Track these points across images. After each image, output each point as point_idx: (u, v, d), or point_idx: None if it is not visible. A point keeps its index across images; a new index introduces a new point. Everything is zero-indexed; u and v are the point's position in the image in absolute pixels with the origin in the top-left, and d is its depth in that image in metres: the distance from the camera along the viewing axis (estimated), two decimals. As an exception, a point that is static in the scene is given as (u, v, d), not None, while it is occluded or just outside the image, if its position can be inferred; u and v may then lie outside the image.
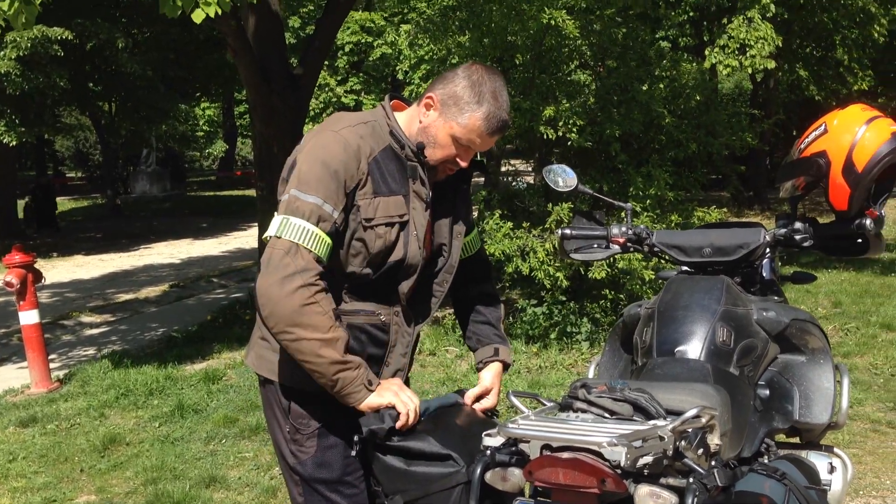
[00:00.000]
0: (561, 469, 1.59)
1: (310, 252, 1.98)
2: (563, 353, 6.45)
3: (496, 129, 2.12)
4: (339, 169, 2.04)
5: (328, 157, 2.04)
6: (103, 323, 9.28)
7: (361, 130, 2.12)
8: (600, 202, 4.26)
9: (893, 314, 7.16)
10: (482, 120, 2.09)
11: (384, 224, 2.10)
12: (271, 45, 8.30)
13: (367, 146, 2.10)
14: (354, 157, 2.06)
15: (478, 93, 2.09)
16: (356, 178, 2.06)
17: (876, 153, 2.23)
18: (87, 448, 4.99)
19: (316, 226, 2.00)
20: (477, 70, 2.14)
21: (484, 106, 2.09)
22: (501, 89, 2.13)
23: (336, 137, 2.08)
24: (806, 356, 2.36)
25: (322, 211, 2.01)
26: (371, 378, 2.06)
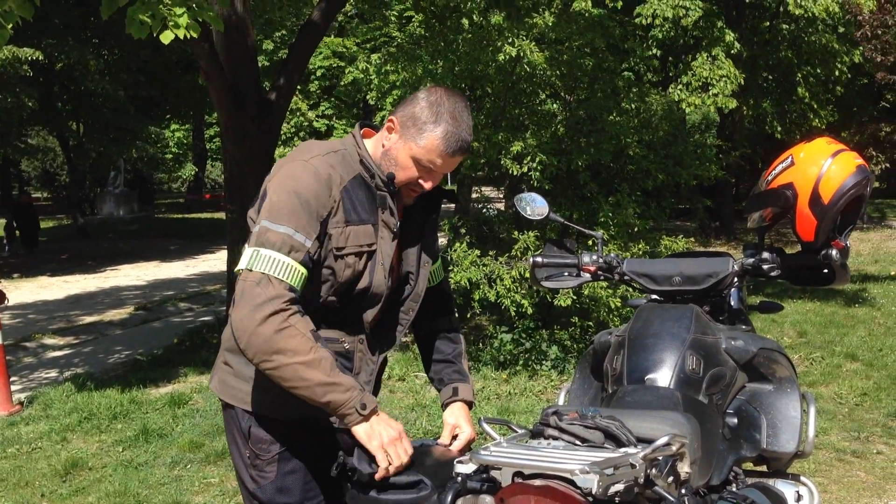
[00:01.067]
0: (533, 496, 1.59)
1: (281, 281, 1.95)
2: (533, 379, 6.45)
3: (456, 149, 2.09)
4: (310, 199, 2.02)
5: (299, 186, 2.03)
6: (67, 345, 9.14)
7: (331, 159, 2.11)
8: (570, 230, 4.31)
9: (857, 344, 7.26)
10: (440, 139, 2.07)
11: (354, 253, 2.09)
12: (244, 67, 8.29)
13: (338, 175, 2.09)
14: (326, 185, 2.05)
15: (436, 113, 2.07)
16: (328, 207, 2.05)
17: (841, 186, 2.27)
18: (49, 472, 4.90)
19: (287, 255, 1.98)
20: (436, 91, 2.12)
21: (441, 126, 2.06)
22: (462, 110, 2.10)
23: (306, 167, 2.06)
24: (773, 385, 2.38)
25: (293, 241, 1.99)
26: (367, 402, 1.99)
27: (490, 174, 8.70)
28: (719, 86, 9.04)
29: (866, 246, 14.59)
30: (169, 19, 5.08)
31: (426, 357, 2.50)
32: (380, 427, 2.01)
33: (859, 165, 2.29)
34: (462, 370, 2.44)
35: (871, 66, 14.81)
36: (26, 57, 13.84)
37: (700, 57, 9.54)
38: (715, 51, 10.38)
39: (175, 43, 5.17)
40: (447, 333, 2.46)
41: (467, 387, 2.42)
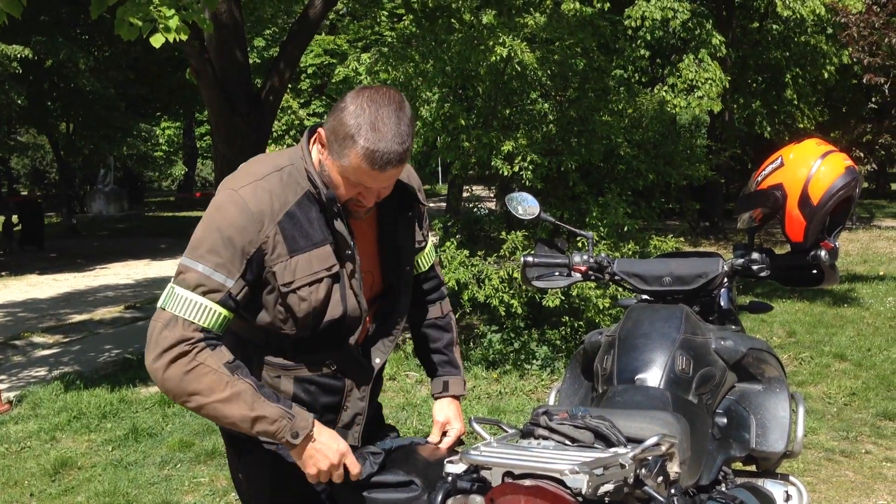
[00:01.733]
0: (523, 496, 1.60)
1: (191, 323, 1.86)
2: (523, 379, 6.46)
3: (382, 165, 1.84)
4: (233, 235, 1.87)
5: (223, 222, 1.89)
6: (56, 344, 9.10)
7: (270, 183, 1.93)
8: (561, 230, 4.32)
9: (846, 344, 7.29)
10: (361, 157, 1.83)
11: (307, 284, 1.94)
12: (234, 65, 8.27)
13: (277, 202, 1.92)
14: (254, 220, 1.89)
15: (355, 125, 1.83)
16: (257, 244, 1.89)
17: (831, 187, 2.29)
18: (38, 472, 4.88)
19: (203, 297, 1.87)
20: (359, 97, 1.86)
21: (360, 141, 1.82)
22: (387, 116, 1.84)
23: (234, 198, 1.90)
24: (762, 385, 2.40)
25: (210, 281, 1.86)
26: (298, 429, 1.90)
27: (481, 174, 8.70)
28: (704, 88, 9.08)
29: (855, 246, 14.65)
30: (158, 22, 5.06)
31: (418, 344, 2.47)
32: (317, 454, 1.94)
33: (848, 167, 2.31)
34: (453, 360, 2.40)
35: (859, 68, 14.87)
36: (15, 54, 13.78)
37: (687, 58, 9.57)
38: (701, 53, 10.42)
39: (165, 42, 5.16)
40: (438, 320, 2.41)
41: (458, 380, 2.39)
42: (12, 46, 13.71)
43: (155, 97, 22.70)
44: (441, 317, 2.41)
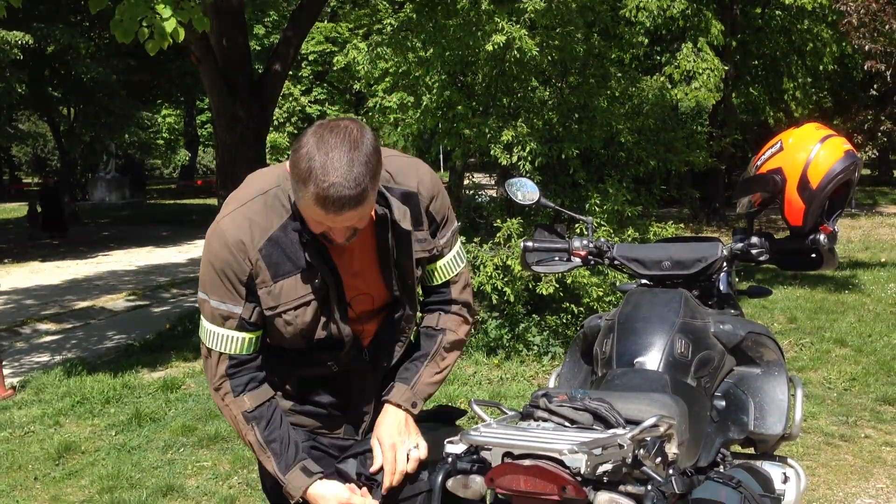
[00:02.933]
0: (522, 476, 1.62)
1: (221, 354, 1.99)
2: (524, 365, 6.48)
3: (335, 209, 1.73)
4: (223, 268, 1.92)
5: (212, 256, 1.94)
6: (59, 330, 9.14)
7: (252, 210, 1.92)
8: (561, 216, 4.33)
9: (847, 330, 7.31)
10: (313, 201, 1.74)
11: (292, 308, 1.96)
12: (235, 52, 8.27)
13: (258, 230, 1.91)
14: (237, 250, 1.91)
15: (307, 169, 1.72)
16: (245, 272, 1.92)
17: (830, 171, 2.30)
18: (42, 456, 4.91)
19: (222, 327, 1.97)
20: (315, 135, 1.76)
21: (311, 187, 1.72)
22: (339, 159, 1.71)
23: (216, 231, 1.94)
24: (761, 368, 2.41)
25: (222, 311, 1.96)
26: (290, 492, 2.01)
27: (481, 161, 8.70)
28: (702, 79, 9.06)
29: (857, 233, 14.66)
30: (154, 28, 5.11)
31: None
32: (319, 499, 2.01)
33: (847, 151, 2.31)
34: (414, 369, 2.15)
35: (860, 55, 14.82)
36: (16, 41, 13.75)
37: (685, 48, 9.55)
38: (700, 42, 10.39)
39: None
40: (427, 330, 2.21)
41: (403, 390, 2.11)
42: (13, 33, 13.67)
43: (156, 84, 22.65)
44: (432, 328, 2.20)
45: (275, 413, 2.04)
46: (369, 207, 1.80)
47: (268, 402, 2.04)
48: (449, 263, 2.16)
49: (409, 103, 7.91)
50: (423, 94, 7.48)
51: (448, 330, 2.19)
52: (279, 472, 2.01)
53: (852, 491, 4.15)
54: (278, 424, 2.04)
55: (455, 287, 2.20)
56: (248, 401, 2.01)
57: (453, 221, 2.16)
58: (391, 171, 2.01)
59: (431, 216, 2.08)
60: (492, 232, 7.15)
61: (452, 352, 2.20)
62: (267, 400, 2.04)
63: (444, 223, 2.12)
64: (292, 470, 2.01)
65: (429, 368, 2.15)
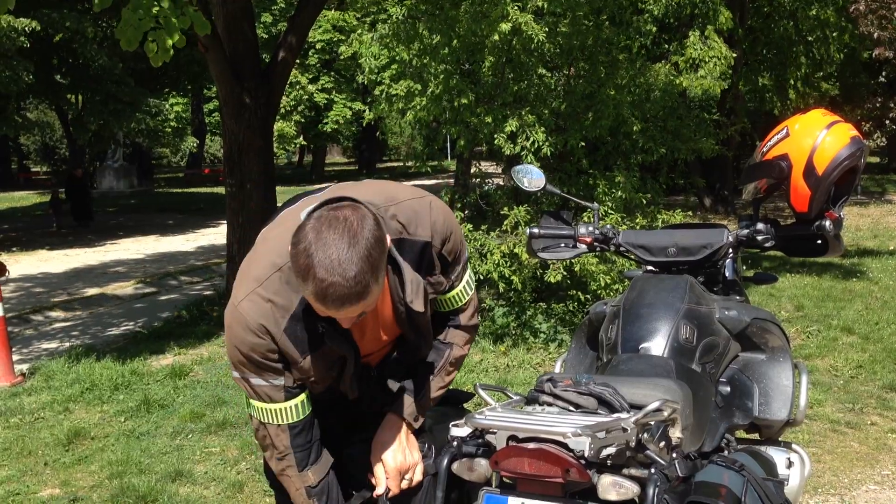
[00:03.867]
0: (527, 459, 1.63)
1: (277, 426, 1.98)
2: (531, 352, 6.50)
3: (336, 305, 1.67)
4: (251, 351, 1.89)
5: (237, 341, 1.89)
6: (68, 318, 9.19)
7: (271, 290, 1.86)
8: (568, 203, 4.32)
9: (854, 318, 7.30)
10: (314, 299, 1.69)
11: (321, 375, 1.97)
12: (242, 41, 8.27)
13: (279, 311, 1.86)
14: (262, 333, 1.87)
15: (305, 266, 1.65)
16: (275, 349, 1.89)
17: (836, 157, 2.30)
18: (52, 442, 4.95)
19: (271, 402, 1.95)
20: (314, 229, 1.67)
21: (309, 284, 1.65)
22: (336, 256, 1.63)
23: (236, 317, 1.88)
24: (766, 354, 2.42)
25: (265, 387, 1.94)
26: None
27: (488, 149, 8.68)
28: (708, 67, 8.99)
29: (866, 221, 14.61)
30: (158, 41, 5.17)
31: None
32: None
33: (854, 137, 2.31)
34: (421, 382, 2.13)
35: (868, 42, 14.74)
36: (23, 27, 13.76)
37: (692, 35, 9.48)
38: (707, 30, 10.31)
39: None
40: (436, 342, 2.18)
41: (409, 402, 2.10)
42: (20, 19, 13.68)
43: (163, 72, 22.66)
44: (440, 340, 2.17)
45: (332, 483, 2.06)
46: (374, 298, 1.73)
47: (330, 472, 2.06)
48: (458, 294, 2.14)
49: (417, 91, 7.90)
50: (429, 82, 7.47)
51: (455, 345, 2.17)
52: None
53: (858, 478, 4.16)
54: (336, 496, 2.06)
55: (464, 315, 2.18)
56: (313, 476, 2.01)
57: (464, 254, 2.12)
58: (403, 222, 1.95)
59: (444, 258, 2.04)
60: (499, 220, 7.15)
61: (456, 367, 2.19)
62: (328, 473, 2.05)
63: (456, 259, 2.08)
64: None
65: (435, 382, 2.13)
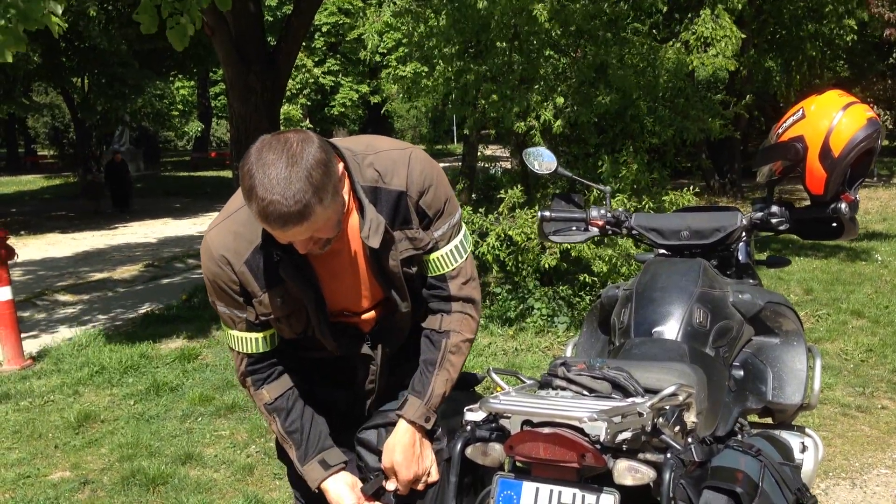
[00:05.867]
0: (542, 443, 1.62)
1: (238, 353, 2.08)
2: (539, 336, 6.49)
3: (280, 224, 1.70)
4: (216, 280, 1.98)
5: (205, 268, 2.00)
6: (77, 301, 9.21)
7: (238, 221, 1.93)
8: (578, 185, 4.31)
9: (864, 301, 7.27)
10: (258, 218, 1.72)
11: (285, 316, 2.00)
12: (249, 23, 8.24)
13: (243, 242, 1.92)
14: (223, 264, 1.94)
15: (248, 186, 1.70)
16: (236, 281, 1.96)
17: (852, 138, 2.27)
18: (62, 425, 4.97)
19: (234, 329, 2.05)
20: (256, 150, 1.72)
21: (253, 204, 1.70)
22: (276, 175, 1.67)
23: (205, 246, 1.98)
24: (780, 338, 2.40)
25: (231, 316, 2.03)
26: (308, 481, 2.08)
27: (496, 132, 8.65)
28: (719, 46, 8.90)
29: (874, 204, 14.53)
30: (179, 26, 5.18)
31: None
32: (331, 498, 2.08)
33: (870, 118, 2.28)
34: (424, 381, 2.08)
35: (878, 22, 14.59)
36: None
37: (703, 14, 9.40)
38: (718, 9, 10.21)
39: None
40: (430, 334, 2.12)
41: (416, 404, 2.06)
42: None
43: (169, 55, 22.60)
44: (435, 331, 2.11)
45: (295, 403, 2.10)
46: (321, 221, 1.74)
47: (287, 392, 2.10)
48: (445, 256, 2.06)
49: (424, 73, 7.86)
50: (437, 64, 7.43)
51: (452, 332, 2.09)
52: (298, 464, 2.09)
53: (868, 461, 4.15)
54: (299, 414, 2.10)
55: (453, 283, 2.09)
56: (268, 393, 2.09)
57: (452, 213, 2.06)
58: (380, 170, 1.95)
59: (422, 210, 2.00)
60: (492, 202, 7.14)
61: (460, 352, 2.11)
62: (286, 390, 2.10)
63: (440, 215, 2.03)
64: (310, 462, 2.07)
65: (439, 377, 2.07)
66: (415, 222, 1.99)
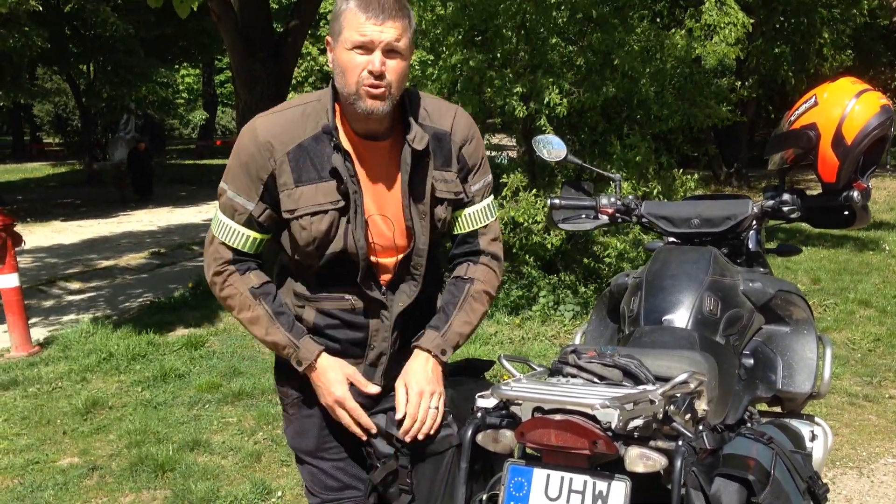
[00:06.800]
0: (553, 430, 1.62)
1: (222, 244, 2.07)
2: (545, 324, 6.49)
3: (377, 12, 1.89)
4: (248, 161, 2.02)
5: (240, 149, 2.04)
6: (84, 289, 9.22)
7: (289, 116, 2.04)
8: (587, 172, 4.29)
9: (871, 291, 7.26)
10: (355, 9, 1.90)
11: (309, 214, 2.00)
12: (255, 10, 8.20)
13: (290, 134, 2.00)
14: (263, 149, 2.00)
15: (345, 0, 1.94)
16: (268, 169, 2.00)
17: (865, 126, 2.26)
18: (70, 411, 4.99)
19: (231, 219, 2.05)
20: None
21: (351, 2, 1.92)
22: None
23: (250, 128, 2.04)
24: (790, 327, 2.40)
25: (234, 203, 2.04)
26: (301, 359, 2.06)
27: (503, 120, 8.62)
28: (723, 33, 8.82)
29: (881, 194, 14.47)
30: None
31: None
32: (320, 388, 2.10)
33: (884, 106, 2.27)
34: (445, 317, 2.14)
35: (885, 11, 14.51)
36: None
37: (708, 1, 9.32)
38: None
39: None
40: (457, 280, 2.20)
41: (433, 335, 2.11)
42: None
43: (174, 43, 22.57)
44: (461, 277, 2.19)
45: (278, 294, 2.13)
46: (408, 31, 1.95)
47: (271, 282, 2.13)
48: (479, 212, 2.19)
49: (430, 61, 7.84)
50: (443, 53, 7.40)
51: (476, 280, 2.18)
52: (292, 338, 2.07)
53: (876, 451, 4.15)
54: (283, 301, 2.13)
55: (483, 238, 2.20)
56: (255, 278, 2.09)
57: (487, 173, 2.21)
58: (428, 110, 2.10)
59: (463, 159, 2.14)
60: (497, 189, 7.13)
61: (481, 301, 2.18)
62: (270, 280, 2.13)
63: (477, 170, 2.17)
64: (303, 338, 2.08)
65: (459, 317, 2.13)
66: (454, 167, 2.12)
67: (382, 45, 1.91)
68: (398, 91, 1.98)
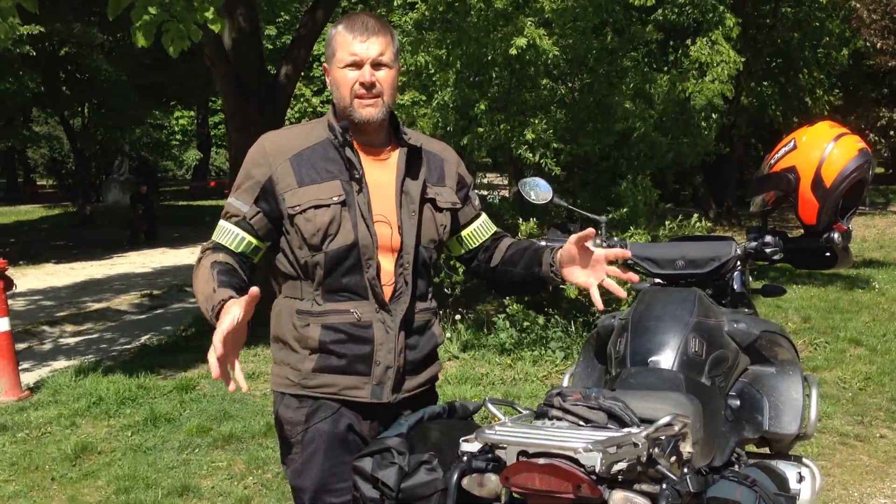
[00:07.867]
0: (537, 474, 1.62)
1: (213, 241, 2.21)
2: (537, 365, 6.48)
3: (362, 31, 2.16)
4: (250, 168, 2.21)
5: (247, 161, 2.23)
6: (75, 332, 9.19)
7: (294, 130, 2.26)
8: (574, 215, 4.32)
9: (861, 329, 7.28)
10: (343, 32, 2.17)
11: (312, 207, 2.14)
12: (248, 53, 8.30)
13: (292, 143, 2.21)
14: (267, 155, 2.19)
15: (334, 25, 2.23)
16: (268, 174, 2.17)
17: (844, 169, 2.29)
18: (59, 456, 4.95)
19: (227, 221, 2.21)
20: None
21: (340, 24, 2.20)
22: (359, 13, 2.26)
23: (258, 141, 2.25)
24: (775, 367, 2.41)
25: (232, 208, 2.20)
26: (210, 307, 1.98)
27: (496, 160, 8.69)
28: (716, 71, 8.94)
29: (871, 232, 14.56)
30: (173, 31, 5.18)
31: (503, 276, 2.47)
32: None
33: (861, 149, 2.31)
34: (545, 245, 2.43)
35: (871, 51, 14.71)
36: (27, 32, 13.72)
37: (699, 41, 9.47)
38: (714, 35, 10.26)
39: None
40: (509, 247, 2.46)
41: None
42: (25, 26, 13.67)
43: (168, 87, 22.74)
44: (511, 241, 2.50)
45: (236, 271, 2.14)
46: (392, 47, 2.19)
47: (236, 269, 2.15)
48: (486, 223, 2.50)
49: (422, 101, 7.92)
50: (435, 93, 7.49)
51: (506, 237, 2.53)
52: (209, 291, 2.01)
53: (868, 491, 4.14)
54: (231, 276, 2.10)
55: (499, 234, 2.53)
56: (222, 256, 2.16)
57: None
58: (421, 139, 2.34)
59: (462, 179, 2.41)
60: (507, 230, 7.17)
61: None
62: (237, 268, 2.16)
63: (472, 188, 2.46)
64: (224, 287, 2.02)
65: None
66: (448, 183, 2.35)
67: (370, 59, 2.16)
68: (390, 98, 2.21)
